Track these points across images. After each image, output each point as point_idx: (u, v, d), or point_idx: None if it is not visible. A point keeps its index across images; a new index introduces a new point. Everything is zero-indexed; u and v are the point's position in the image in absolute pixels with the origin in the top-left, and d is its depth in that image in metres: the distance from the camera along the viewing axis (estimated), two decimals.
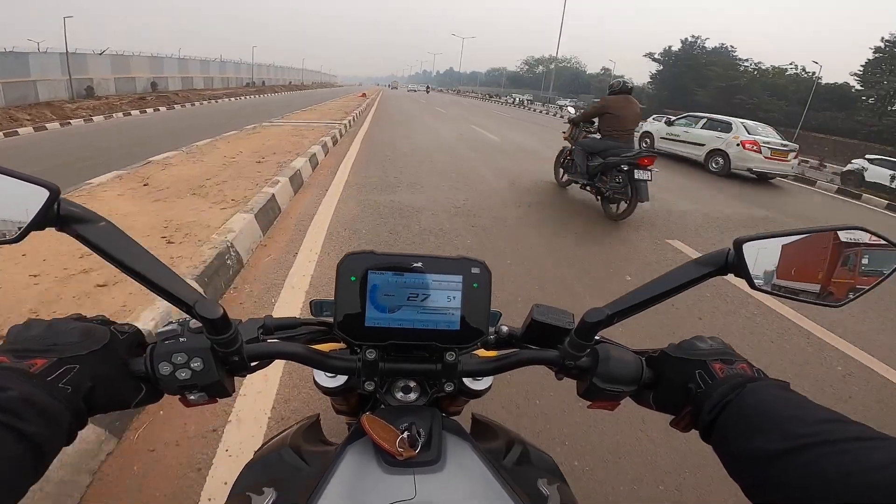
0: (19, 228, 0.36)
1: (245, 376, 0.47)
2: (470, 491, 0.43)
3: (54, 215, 0.37)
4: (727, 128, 9.41)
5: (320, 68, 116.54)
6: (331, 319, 0.50)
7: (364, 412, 0.50)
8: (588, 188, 5.01)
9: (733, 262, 0.43)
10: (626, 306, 0.45)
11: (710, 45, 44.93)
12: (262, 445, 0.61)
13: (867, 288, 0.44)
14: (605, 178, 4.62)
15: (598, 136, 4.99)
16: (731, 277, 0.45)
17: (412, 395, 0.53)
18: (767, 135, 9.24)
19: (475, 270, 0.47)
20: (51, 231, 0.38)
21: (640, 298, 0.45)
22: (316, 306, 0.66)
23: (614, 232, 4.38)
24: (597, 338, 0.52)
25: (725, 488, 1.49)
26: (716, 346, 0.47)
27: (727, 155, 8.95)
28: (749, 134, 8.94)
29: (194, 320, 0.42)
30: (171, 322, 0.46)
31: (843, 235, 0.43)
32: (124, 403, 0.41)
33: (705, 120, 10.16)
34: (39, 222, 0.36)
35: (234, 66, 43.41)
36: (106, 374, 0.38)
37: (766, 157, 8.60)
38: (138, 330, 0.44)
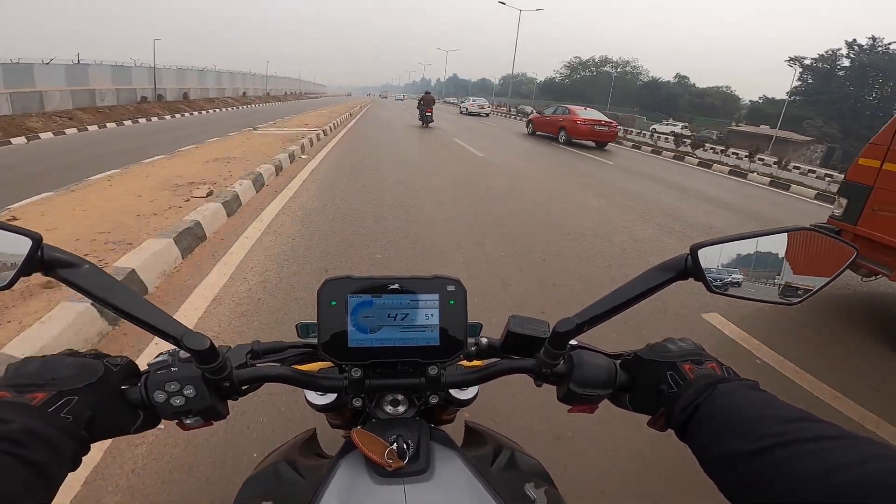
0: (7, 276, 0.38)
1: (237, 399, 0.49)
2: (457, 498, 0.45)
3: (39, 261, 0.39)
4: (467, 99, 33.29)
5: (299, 75, 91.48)
6: (316, 341, 0.52)
7: (356, 426, 0.52)
8: (421, 122, 16.94)
9: (691, 268, 0.46)
10: (594, 315, 0.47)
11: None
12: (260, 462, 0.63)
13: (821, 285, 0.46)
14: (423, 118, 16.76)
15: (423, 106, 16.70)
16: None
17: (401, 408, 0.54)
18: (478, 101, 31.34)
19: (450, 288, 0.49)
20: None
21: (607, 307, 0.47)
22: (302, 329, 0.68)
23: (424, 130, 15.77)
24: (574, 343, 0.54)
25: None
26: (686, 347, 0.49)
27: (467, 108, 30.05)
28: (470, 100, 32.10)
29: (182, 351, 0.44)
30: (162, 353, 0.48)
31: (795, 236, 0.45)
32: (124, 430, 0.43)
33: (465, 97, 38.27)
34: (26, 269, 0.38)
35: (119, 70, 24.35)
36: (103, 404, 0.40)
37: (476, 107, 29.47)
38: (130, 361, 0.46)
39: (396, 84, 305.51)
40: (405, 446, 0.46)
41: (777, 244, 0.46)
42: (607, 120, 13.71)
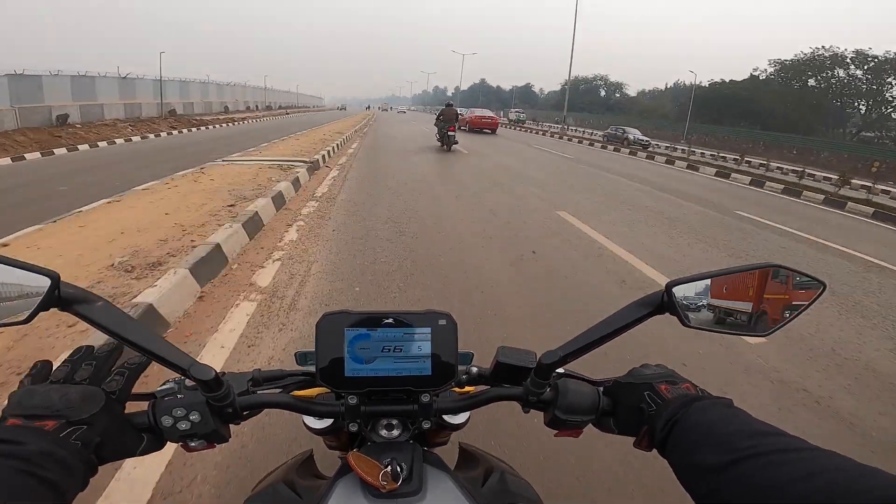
0: (27, 312, 0.41)
1: (239, 423, 0.52)
2: None
3: (56, 298, 0.42)
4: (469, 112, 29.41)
5: (264, 81, 61.20)
6: (313, 369, 0.55)
7: (352, 448, 0.54)
8: (440, 143, 13.82)
9: (667, 303, 0.49)
10: (576, 348, 0.51)
11: None
12: (259, 482, 0.65)
13: (790, 318, 0.49)
14: (444, 138, 13.44)
15: (442, 123, 13.56)
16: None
17: (395, 432, 0.56)
18: (481, 111, 26.83)
19: (442, 322, 0.52)
20: None
21: (588, 340, 0.50)
22: (300, 357, 0.71)
23: (445, 153, 13.09)
24: (560, 371, 0.57)
25: None
26: (661, 371, 0.53)
27: (467, 121, 24.40)
28: (471, 112, 25.89)
29: (188, 379, 0.47)
30: (169, 381, 0.51)
31: (764, 272, 0.49)
32: (130, 452, 0.46)
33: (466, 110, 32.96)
34: (45, 305, 0.41)
35: None
36: (109, 430, 0.43)
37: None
38: (124, 387, 0.47)
39: (402, 96, 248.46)
40: (399, 468, 0.48)
41: (748, 280, 0.50)
42: (490, 115, 24.91)
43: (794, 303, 0.49)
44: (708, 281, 0.50)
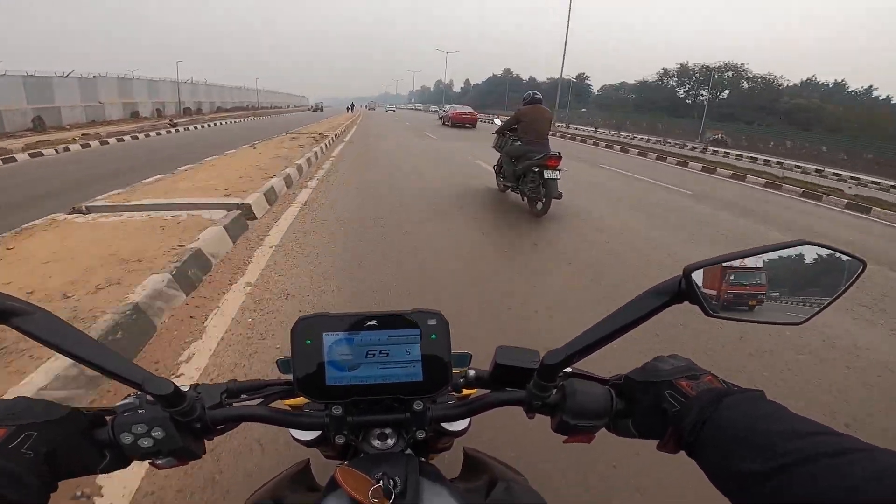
0: None
1: (213, 439, 0.48)
2: None
3: None
4: (443, 107, 36.73)
5: (176, 70, 37.23)
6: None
7: (347, 457, 0.49)
8: (516, 190, 5.63)
9: (685, 290, 0.43)
10: (583, 345, 0.45)
11: None
12: (249, 497, 0.61)
13: (827, 301, 0.44)
14: (525, 180, 5.25)
15: (518, 143, 5.47)
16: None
17: (389, 442, 0.52)
18: (455, 107, 28.58)
19: (431, 322, 0.48)
20: None
21: (598, 335, 0.44)
22: (283, 365, 0.66)
23: (533, 221, 5.07)
24: (567, 370, 0.52)
25: None
26: (678, 363, 0.47)
27: (450, 117, 25.99)
28: (453, 108, 28.17)
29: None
30: (130, 395, 0.47)
31: (792, 251, 0.43)
32: (90, 469, 0.43)
33: (443, 105, 41.04)
34: None
35: None
36: (65, 442, 0.40)
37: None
38: (105, 409, 0.46)
39: (396, 94, 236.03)
40: (392, 483, 0.44)
41: (777, 261, 0.44)
42: (469, 111, 24.86)
43: (829, 283, 0.44)
44: (728, 264, 0.44)
